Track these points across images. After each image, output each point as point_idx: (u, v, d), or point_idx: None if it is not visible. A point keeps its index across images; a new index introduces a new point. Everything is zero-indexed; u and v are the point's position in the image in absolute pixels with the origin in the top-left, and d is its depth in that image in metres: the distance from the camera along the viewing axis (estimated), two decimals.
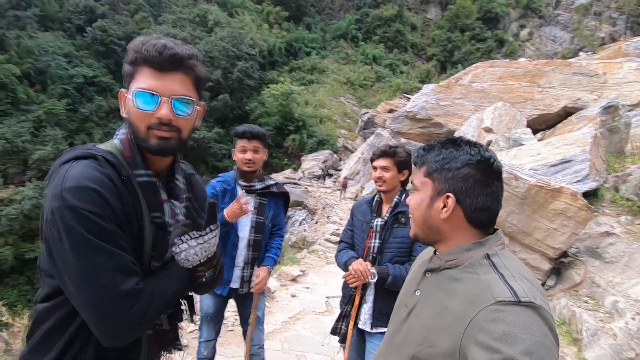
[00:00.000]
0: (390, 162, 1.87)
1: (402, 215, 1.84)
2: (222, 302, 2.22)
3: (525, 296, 0.70)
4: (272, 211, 2.21)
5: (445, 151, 0.87)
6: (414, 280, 0.97)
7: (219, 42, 37.20)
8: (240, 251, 2.12)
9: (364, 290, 1.86)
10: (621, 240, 5.09)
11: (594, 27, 47.56)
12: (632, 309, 3.82)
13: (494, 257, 0.81)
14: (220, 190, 2.14)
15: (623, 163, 6.78)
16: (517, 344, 0.63)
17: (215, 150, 33.95)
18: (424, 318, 0.84)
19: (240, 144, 2.10)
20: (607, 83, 11.59)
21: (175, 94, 0.91)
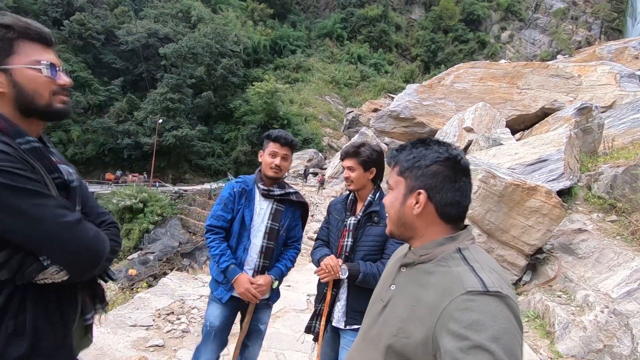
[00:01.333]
0: (354, 161, 1.86)
1: (375, 215, 1.83)
2: (229, 313, 2.05)
3: (493, 286, 0.73)
4: (288, 220, 2.12)
5: (415, 150, 0.91)
6: (389, 275, 1.00)
7: (203, 38, 36.63)
8: (251, 257, 2.02)
9: (337, 288, 1.86)
10: (593, 236, 5.28)
11: (571, 31, 49.14)
12: (601, 303, 3.97)
13: (465, 251, 0.84)
14: (238, 191, 2.06)
15: (596, 162, 7.03)
16: (485, 331, 0.67)
17: (198, 149, 33.43)
18: (399, 310, 0.86)
19: (272, 148, 2.03)
20: (582, 85, 12.01)
21: (59, 65, 1.05)
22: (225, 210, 2.02)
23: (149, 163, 30.49)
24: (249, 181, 2.11)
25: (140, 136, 31.81)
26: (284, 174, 2.10)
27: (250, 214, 2.03)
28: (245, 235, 2.01)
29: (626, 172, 5.85)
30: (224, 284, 1.98)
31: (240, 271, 1.93)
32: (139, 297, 3.71)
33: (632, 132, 8.67)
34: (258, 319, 2.08)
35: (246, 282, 1.90)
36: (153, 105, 33.23)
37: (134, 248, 18.86)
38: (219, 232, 2.00)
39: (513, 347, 0.66)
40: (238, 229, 2.01)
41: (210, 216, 2.05)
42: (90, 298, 1.13)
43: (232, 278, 1.92)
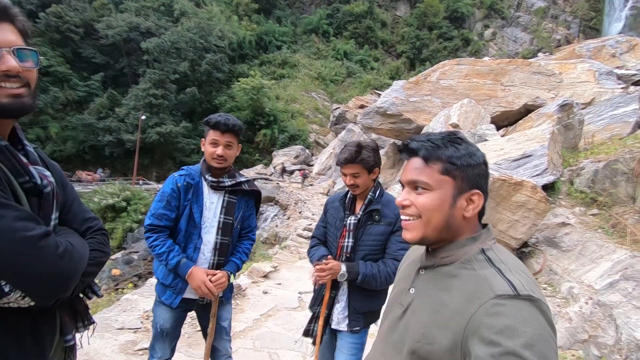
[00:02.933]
0: (359, 167, 1.74)
1: (376, 213, 1.76)
2: (180, 315, 1.92)
3: (524, 289, 0.70)
4: (242, 211, 1.96)
5: (460, 147, 0.85)
6: (406, 278, 0.95)
7: (186, 32, 35.89)
8: (204, 256, 1.84)
9: (336, 289, 1.79)
10: (576, 230, 5.43)
11: (551, 30, 50.33)
12: (585, 294, 4.08)
13: (489, 252, 0.81)
14: (183, 186, 1.84)
15: (577, 158, 7.21)
16: (518, 337, 0.64)
17: (183, 145, 32.86)
18: (421, 315, 0.83)
19: (212, 136, 1.83)
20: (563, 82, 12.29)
21: (14, 44, 0.83)
22: (168, 208, 1.81)
23: (131, 160, 29.79)
24: (194, 173, 1.90)
25: (123, 133, 31.03)
26: (229, 163, 1.90)
27: (199, 209, 1.84)
28: (196, 232, 1.83)
29: (606, 167, 6.03)
30: (172, 286, 1.81)
31: (192, 264, 1.77)
32: (126, 299, 3.60)
33: (611, 128, 8.93)
34: (218, 317, 1.94)
35: (202, 275, 1.74)
36: (135, 101, 32.42)
37: (118, 247, 18.44)
38: (163, 231, 1.81)
39: (547, 354, 0.63)
40: (185, 226, 1.82)
41: (150, 215, 1.82)
42: (70, 317, 1.01)
43: (185, 273, 1.74)
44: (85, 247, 0.95)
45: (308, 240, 7.94)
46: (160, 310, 1.88)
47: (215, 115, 1.88)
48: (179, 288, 1.82)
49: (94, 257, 0.98)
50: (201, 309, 1.94)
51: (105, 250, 1.05)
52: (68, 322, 1.00)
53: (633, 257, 4.37)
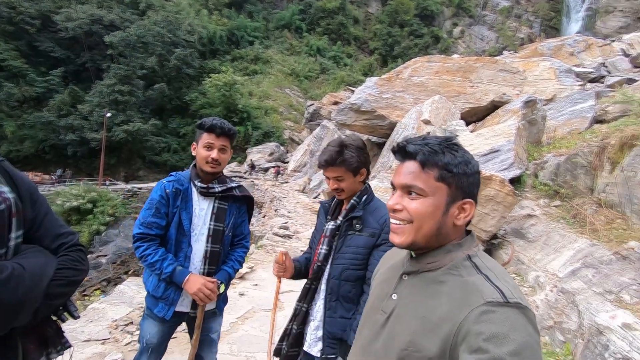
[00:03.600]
0: (342, 170, 1.56)
1: (357, 221, 1.54)
2: (169, 329, 1.84)
3: (512, 297, 0.71)
4: (233, 218, 1.89)
5: (457, 154, 0.83)
6: (387, 283, 0.93)
7: (153, 26, 34.53)
8: (193, 265, 1.77)
9: (308, 303, 1.58)
10: (540, 221, 5.70)
11: (515, 28, 52.47)
12: (550, 282, 4.29)
13: (475, 258, 0.81)
14: (172, 192, 1.77)
15: (540, 152, 7.57)
16: (506, 345, 0.64)
17: (152, 144, 31.68)
18: (407, 322, 0.81)
19: (207, 140, 1.77)
20: (527, 79, 12.85)
21: None
22: (158, 215, 1.74)
23: (97, 160, 28.42)
24: (183, 179, 1.83)
25: (86, 131, 29.48)
26: (223, 167, 1.86)
27: (188, 216, 1.78)
28: (185, 241, 1.76)
29: (567, 161, 6.36)
30: (164, 298, 1.74)
31: (189, 271, 1.72)
32: (92, 308, 3.42)
33: (570, 123, 9.43)
34: (208, 328, 1.87)
35: (200, 279, 1.70)
36: (100, 98, 30.88)
37: None
38: (154, 239, 1.74)
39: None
40: (175, 235, 1.76)
41: (139, 224, 1.74)
42: (37, 344, 0.93)
43: (182, 280, 1.68)
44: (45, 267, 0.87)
45: (284, 239, 7.87)
46: (148, 324, 1.80)
47: (209, 118, 1.82)
48: (171, 299, 1.75)
49: (65, 276, 0.91)
50: (192, 322, 1.85)
51: (80, 267, 0.98)
52: (34, 350, 0.92)
53: (592, 246, 4.64)
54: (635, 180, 4.91)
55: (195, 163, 1.86)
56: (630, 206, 4.94)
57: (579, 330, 3.17)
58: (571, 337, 3.28)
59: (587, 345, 2.92)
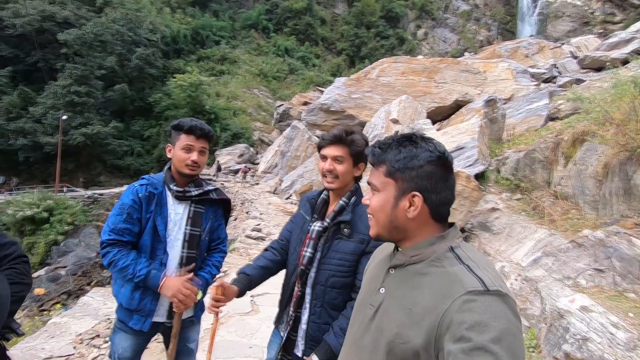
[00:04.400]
0: (346, 151, 1.45)
1: (345, 225, 1.43)
2: (142, 342, 1.74)
3: (493, 285, 0.73)
4: (210, 222, 1.82)
5: (404, 149, 0.86)
6: (375, 278, 0.95)
7: (112, 24, 32.90)
8: (169, 272, 1.69)
9: (300, 308, 1.49)
10: (504, 214, 6.00)
11: (474, 31, 54.91)
12: (515, 272, 4.53)
13: (457, 249, 0.83)
14: (145, 196, 1.67)
15: (502, 148, 7.97)
16: (488, 332, 0.66)
17: (114, 147, 30.15)
18: (393, 314, 0.83)
19: (185, 141, 1.69)
20: (487, 80, 13.50)
21: None
22: (130, 221, 1.64)
23: (52, 166, 26.64)
24: (156, 182, 1.74)
25: (40, 135, 27.55)
26: (201, 170, 1.79)
27: (163, 221, 1.69)
28: (161, 247, 1.67)
29: (526, 156, 6.74)
30: (139, 310, 1.64)
31: (164, 273, 1.61)
32: (53, 323, 3.20)
33: (528, 120, 10.01)
34: (186, 338, 1.79)
35: (176, 282, 1.58)
36: (54, 100, 28.97)
37: (40, 264, 16.45)
38: (125, 245, 1.63)
39: (515, 348, 0.66)
40: (150, 242, 1.66)
41: (108, 230, 1.62)
42: None
43: (157, 284, 1.58)
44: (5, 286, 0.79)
45: (257, 241, 7.76)
46: (120, 338, 1.69)
47: (186, 119, 1.74)
48: (147, 310, 1.64)
49: (14, 292, 0.84)
50: (168, 332, 1.75)
51: (26, 281, 0.91)
52: None
53: (551, 236, 4.94)
54: (586, 173, 5.28)
55: (169, 166, 1.78)
56: (583, 197, 5.31)
57: (542, 315, 3.37)
58: (535, 322, 3.47)
59: (550, 329, 3.11)
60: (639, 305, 3.00)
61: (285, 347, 1.51)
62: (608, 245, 3.73)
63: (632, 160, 4.33)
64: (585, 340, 2.66)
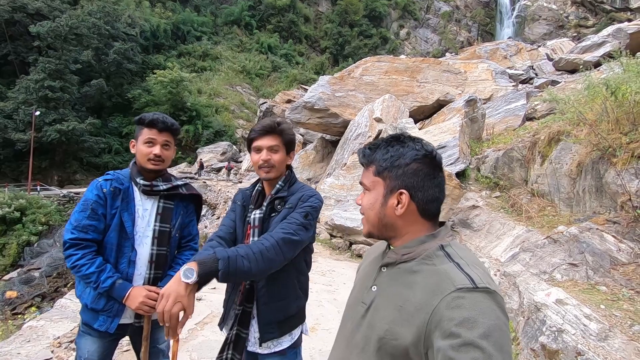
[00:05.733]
0: (279, 140, 1.50)
1: (279, 202, 1.49)
2: (110, 344, 1.68)
3: (481, 282, 0.74)
4: (180, 218, 1.78)
5: (391, 149, 0.89)
6: (368, 276, 0.96)
7: (88, 17, 31.76)
8: (138, 270, 1.63)
9: (250, 302, 1.46)
10: (483, 211, 6.16)
11: (455, 32, 55.95)
12: (494, 267, 4.66)
13: (448, 248, 0.85)
14: (110, 191, 1.61)
15: (481, 147, 8.16)
16: (476, 328, 0.67)
17: (90, 144, 29.17)
18: (384, 312, 0.84)
19: (147, 135, 1.65)
20: (468, 80, 13.79)
21: None
22: (94, 217, 1.57)
23: (25, 164, 25.57)
24: (122, 178, 1.69)
25: (11, 131, 26.34)
26: (167, 165, 1.74)
27: (130, 217, 1.63)
28: (128, 245, 1.62)
29: (505, 155, 6.93)
30: (106, 310, 1.58)
31: (130, 285, 1.58)
32: (29, 327, 3.08)
33: (506, 120, 10.30)
34: (155, 339, 1.74)
35: (141, 292, 1.56)
36: (26, 94, 27.75)
37: (12, 265, 15.78)
38: (89, 246, 1.56)
39: (503, 343, 0.68)
40: (116, 239, 1.60)
41: (70, 228, 1.55)
42: None
43: (123, 296, 1.53)
44: None
45: None
46: (85, 342, 1.62)
47: (149, 113, 1.69)
48: (115, 310, 1.59)
49: None
50: (136, 333, 1.70)
51: None
52: None
53: (528, 232, 5.11)
54: (561, 172, 5.48)
55: (135, 161, 1.72)
56: (558, 195, 5.51)
57: (520, 308, 3.49)
58: (513, 316, 3.59)
59: (527, 322, 3.22)
60: (610, 298, 3.15)
61: (235, 346, 1.45)
62: (581, 241, 3.89)
63: (603, 159, 4.53)
64: (560, 332, 2.77)
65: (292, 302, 1.51)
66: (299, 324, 1.55)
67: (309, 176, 13.90)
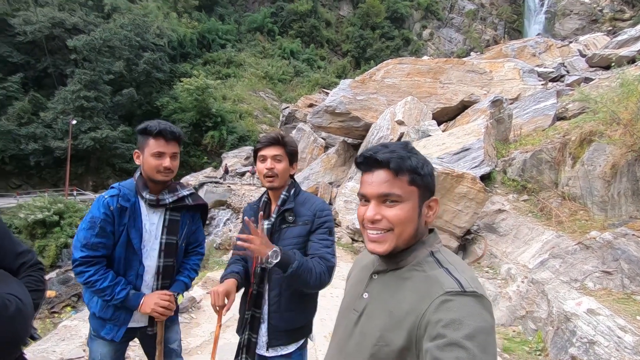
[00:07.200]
0: (283, 151, 1.57)
1: (290, 214, 1.56)
2: (121, 348, 1.72)
3: (469, 286, 0.76)
4: (186, 228, 1.77)
5: (419, 157, 0.88)
6: (359, 283, 0.97)
7: (120, 30, 33.40)
8: (146, 282, 1.66)
9: (259, 307, 1.54)
10: (510, 215, 5.95)
11: (480, 31, 54.51)
12: (521, 274, 4.49)
13: (437, 254, 0.86)
14: (117, 209, 1.59)
15: (508, 149, 7.90)
16: (462, 329, 0.69)
17: (122, 151, 30.54)
18: (376, 319, 0.85)
19: (156, 147, 1.59)
20: (493, 80, 13.38)
21: None
22: (103, 235, 1.57)
23: (62, 170, 27.10)
24: (128, 193, 1.64)
25: (50, 140, 28.05)
26: (174, 175, 1.71)
27: (138, 233, 1.62)
28: (136, 259, 1.62)
29: (533, 157, 6.68)
30: (113, 319, 1.62)
31: (143, 294, 1.61)
32: (64, 326, 3.27)
33: (535, 120, 9.90)
34: (166, 340, 1.75)
35: (152, 298, 1.60)
36: (64, 105, 29.48)
37: (51, 266, 16.72)
38: (100, 262, 1.57)
39: (487, 345, 0.68)
40: (124, 254, 1.61)
41: (79, 246, 1.55)
42: None
43: (137, 305, 1.58)
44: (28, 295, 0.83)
45: None
46: (96, 345, 1.66)
47: (152, 122, 1.64)
48: (121, 320, 1.63)
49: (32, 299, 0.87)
50: (148, 339, 1.74)
51: (42, 288, 0.95)
52: None
53: (558, 237, 4.89)
54: (594, 174, 5.22)
55: (140, 173, 1.68)
56: (591, 198, 5.25)
57: (549, 318, 3.34)
58: (542, 325, 3.44)
59: (557, 332, 3.08)
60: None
61: (247, 350, 1.55)
62: (616, 247, 3.69)
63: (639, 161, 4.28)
64: (592, 344, 2.64)
65: (301, 313, 1.58)
66: (305, 335, 1.63)
67: (331, 180, 13.91)
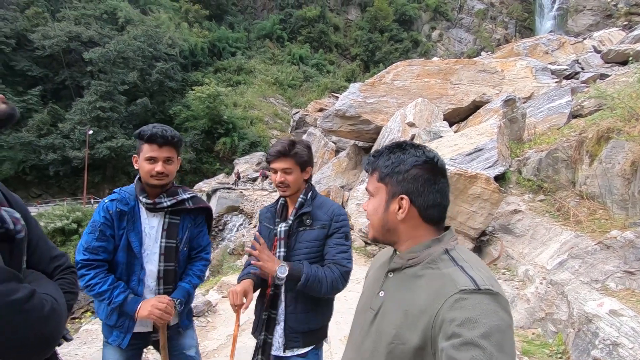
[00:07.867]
0: (291, 162, 1.59)
1: (307, 217, 1.58)
2: (132, 355, 1.70)
3: (484, 284, 0.75)
4: (187, 231, 1.75)
5: (393, 156, 0.91)
6: (376, 281, 0.98)
7: (133, 41, 34.32)
8: (148, 287, 1.65)
9: (275, 309, 1.57)
10: (526, 216, 5.84)
11: (491, 30, 53.93)
12: (539, 275, 4.39)
13: (452, 252, 0.85)
14: (116, 213, 1.61)
15: (522, 148, 7.76)
16: (477, 328, 0.68)
17: None
18: (391, 317, 0.85)
19: (149, 152, 1.59)
20: (505, 79, 13.21)
21: None
22: (103, 239, 1.58)
23: (80, 179, 27.86)
24: (127, 197, 1.66)
25: (68, 150, 28.91)
26: (171, 179, 1.70)
27: (137, 237, 1.63)
28: (137, 263, 1.62)
29: (549, 156, 6.55)
30: (118, 326, 1.62)
31: (141, 299, 1.60)
32: (85, 330, 3.35)
33: (549, 119, 9.72)
34: (181, 346, 1.74)
35: (148, 303, 1.58)
36: (81, 115, 30.39)
37: None
38: (101, 266, 1.58)
39: (504, 344, 0.68)
40: (125, 258, 1.62)
41: (82, 250, 1.57)
42: None
43: (134, 310, 1.56)
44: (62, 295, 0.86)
45: None
46: (109, 352, 1.67)
47: (148, 126, 1.63)
48: (126, 326, 1.63)
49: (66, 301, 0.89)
50: (157, 343, 1.73)
51: (75, 291, 0.98)
52: None
53: (577, 237, 4.78)
54: (613, 172, 5.09)
55: (139, 177, 1.69)
56: (610, 197, 5.11)
57: (570, 319, 3.26)
58: (562, 327, 3.36)
59: (578, 334, 3.00)
60: None
61: (263, 351, 1.58)
62: (638, 247, 3.58)
63: None
64: (615, 346, 2.56)
65: (317, 316, 1.60)
66: (321, 339, 1.65)
67: (342, 183, 13.90)
